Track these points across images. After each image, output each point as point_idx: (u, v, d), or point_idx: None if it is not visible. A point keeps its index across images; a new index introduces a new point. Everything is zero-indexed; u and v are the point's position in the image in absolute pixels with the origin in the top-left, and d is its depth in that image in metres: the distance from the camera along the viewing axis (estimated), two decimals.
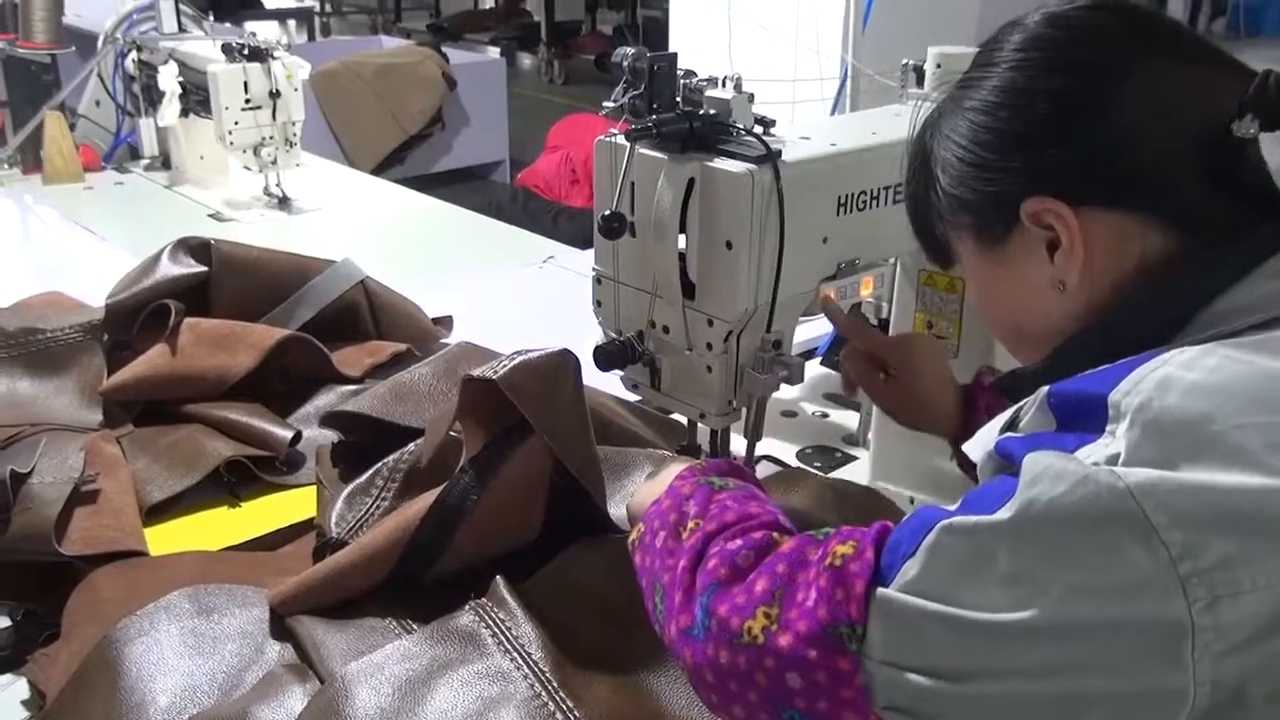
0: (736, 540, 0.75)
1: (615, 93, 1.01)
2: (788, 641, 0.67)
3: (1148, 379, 0.63)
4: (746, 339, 1.00)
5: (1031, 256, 0.76)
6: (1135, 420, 0.62)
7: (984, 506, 0.63)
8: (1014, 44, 0.76)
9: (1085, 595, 0.59)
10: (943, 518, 0.65)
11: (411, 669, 0.90)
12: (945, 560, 0.64)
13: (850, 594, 0.66)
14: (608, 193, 1.00)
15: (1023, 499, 0.62)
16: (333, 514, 1.15)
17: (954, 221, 0.81)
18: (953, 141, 0.78)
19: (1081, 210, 0.72)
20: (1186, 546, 0.58)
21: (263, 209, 2.42)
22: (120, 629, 0.99)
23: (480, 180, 5.38)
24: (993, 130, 0.75)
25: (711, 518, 0.80)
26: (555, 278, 2.06)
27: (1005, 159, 0.75)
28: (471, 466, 1.03)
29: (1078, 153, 0.72)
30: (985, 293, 0.83)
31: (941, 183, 0.79)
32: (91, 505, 1.19)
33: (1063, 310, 0.76)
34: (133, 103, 2.65)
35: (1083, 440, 0.63)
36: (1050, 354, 0.77)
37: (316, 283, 1.58)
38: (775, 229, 0.96)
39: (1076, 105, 0.72)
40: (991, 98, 0.75)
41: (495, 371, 1.00)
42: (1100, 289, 0.74)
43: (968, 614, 0.62)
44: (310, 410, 1.44)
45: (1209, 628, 0.58)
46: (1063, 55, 0.74)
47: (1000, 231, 0.77)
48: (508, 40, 8.61)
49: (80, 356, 1.47)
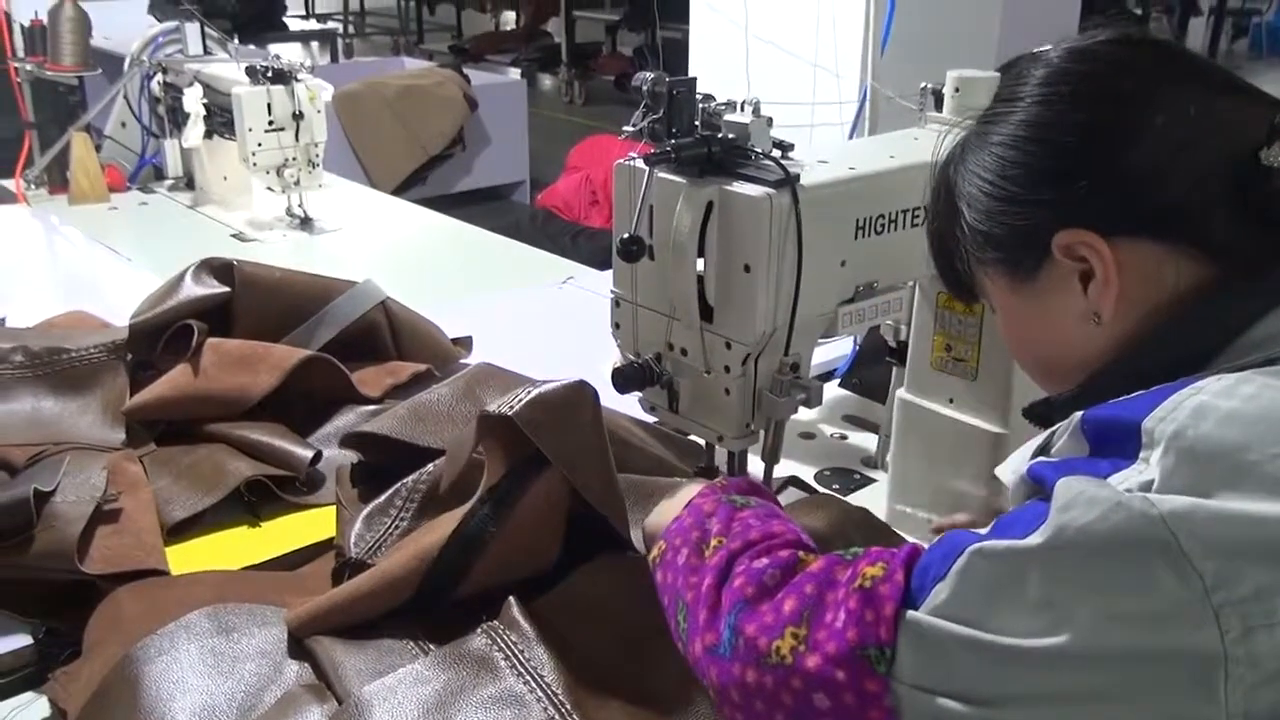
0: (763, 559, 0.76)
1: (634, 117, 1.02)
2: (816, 662, 0.67)
3: (1182, 406, 0.63)
4: (764, 361, 1.00)
5: (1063, 290, 0.76)
6: (1170, 447, 0.61)
7: (1015, 531, 0.64)
8: (1038, 78, 0.76)
9: (1117, 622, 0.59)
10: (973, 542, 0.65)
11: (425, 693, 0.90)
12: (976, 584, 0.64)
13: (880, 616, 0.66)
14: (626, 216, 1.00)
15: (1055, 524, 0.62)
16: (351, 534, 1.16)
17: (981, 257, 0.80)
18: (979, 177, 0.78)
19: (1114, 241, 0.72)
20: (1220, 576, 0.58)
21: (285, 229, 2.44)
22: (140, 648, 0.99)
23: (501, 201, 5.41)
24: (1021, 165, 0.75)
25: (735, 535, 0.80)
26: (574, 298, 2.07)
27: (1035, 193, 0.75)
28: (489, 497, 1.03)
29: (1108, 185, 0.72)
30: (1015, 327, 0.83)
31: (967, 218, 0.80)
32: (113, 524, 1.20)
33: (1095, 343, 0.76)
34: (158, 124, 2.67)
35: (1116, 466, 0.64)
36: (1082, 382, 0.77)
37: (338, 303, 1.60)
38: (793, 252, 0.96)
39: (1105, 138, 0.72)
40: (1019, 132, 0.75)
41: (512, 407, 1.00)
42: (1133, 320, 0.74)
43: (998, 639, 0.62)
44: (330, 430, 1.45)
45: (1242, 659, 0.58)
46: (1089, 89, 0.74)
47: (1030, 266, 0.77)
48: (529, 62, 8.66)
49: (104, 376, 1.49)
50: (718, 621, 0.74)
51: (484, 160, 5.40)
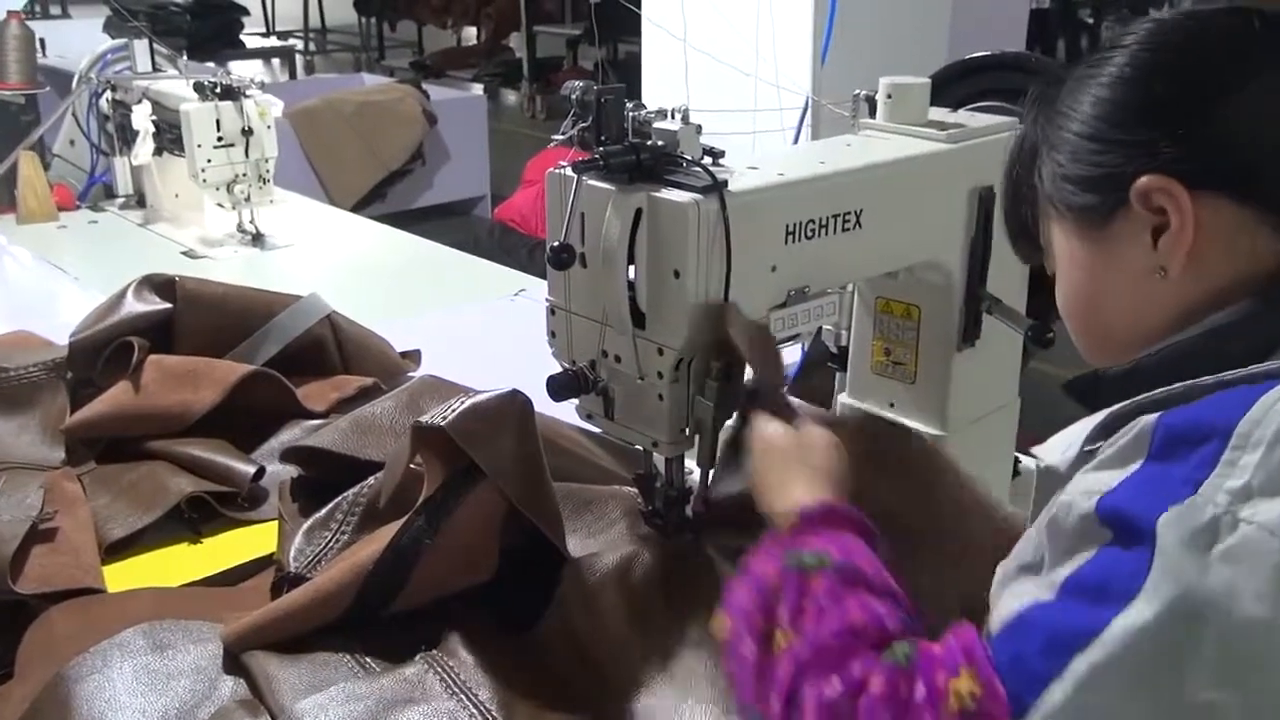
0: (833, 679, 0.66)
1: (564, 125, 1.02)
2: None
3: (1278, 407, 0.60)
4: (697, 367, 1.01)
5: (1134, 242, 0.73)
6: (1273, 448, 0.58)
7: (1114, 589, 0.59)
8: (1148, 29, 0.75)
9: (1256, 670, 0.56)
10: (1077, 622, 0.59)
11: (357, 710, 0.90)
12: (1106, 678, 0.58)
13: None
14: (558, 224, 1.01)
15: (1165, 574, 0.58)
16: (291, 548, 1.15)
17: (1058, 201, 0.78)
18: (1070, 117, 0.76)
19: (1196, 195, 0.70)
20: None
21: (237, 246, 2.43)
22: (72, 667, 0.98)
23: (462, 216, 5.40)
24: (1116, 104, 0.74)
25: (804, 635, 0.70)
26: (526, 311, 2.06)
27: (1125, 134, 0.73)
28: (424, 509, 1.03)
29: (1200, 135, 0.70)
30: (1074, 278, 0.80)
31: (1051, 160, 0.78)
32: (49, 543, 1.19)
33: (1157, 305, 0.73)
34: (107, 142, 2.65)
35: (1193, 476, 0.60)
36: (1136, 360, 0.72)
37: (282, 318, 1.59)
38: (722, 258, 0.97)
39: (1205, 89, 0.71)
40: (1120, 73, 0.74)
41: (445, 418, 1.00)
42: (1200, 286, 0.72)
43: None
44: (275, 445, 1.44)
45: None
46: (1197, 42, 0.73)
47: (1105, 212, 0.74)
48: (490, 77, 8.66)
49: (43, 395, 1.48)
50: None
51: (445, 176, 5.39)
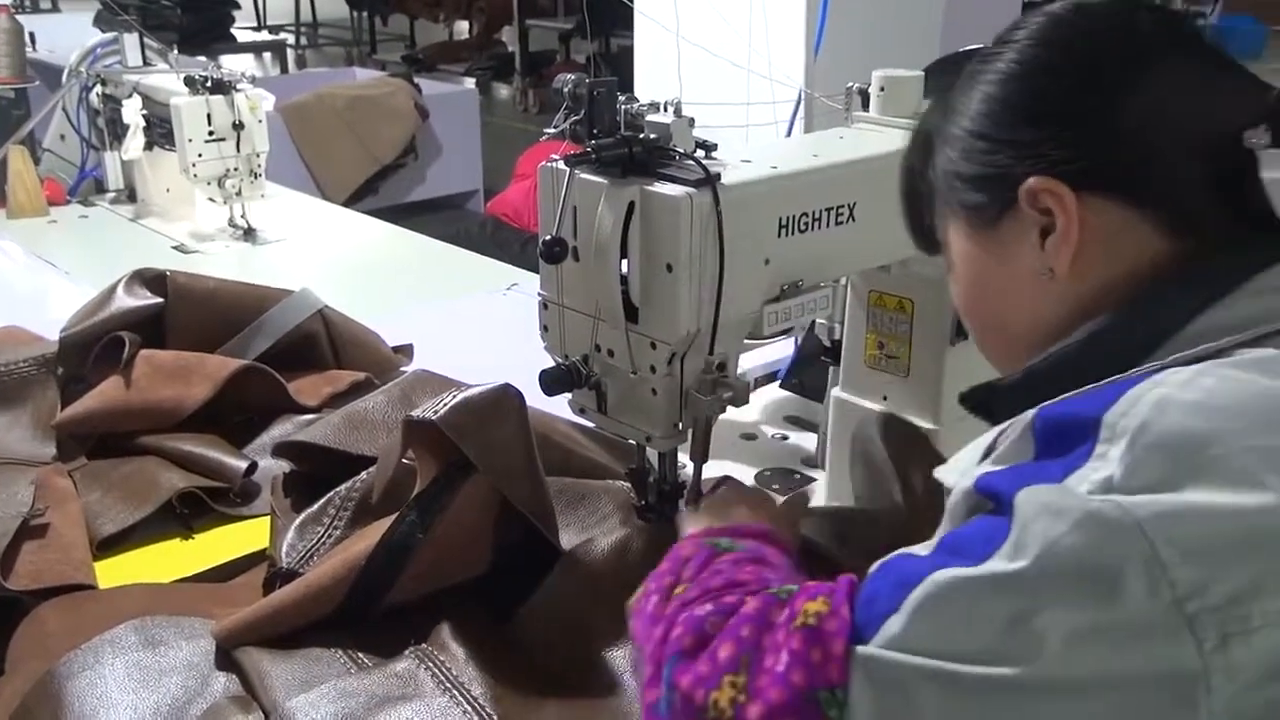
0: (707, 605, 0.69)
1: (556, 118, 1.02)
2: (759, 712, 0.61)
3: (1143, 400, 0.60)
4: (690, 361, 1.00)
5: (1023, 242, 0.73)
6: (1135, 441, 0.59)
7: (972, 553, 0.60)
8: (1037, 24, 0.74)
9: (1089, 644, 0.56)
10: (924, 568, 0.61)
11: (350, 706, 0.89)
12: (935, 614, 0.59)
13: (829, 654, 0.61)
14: (550, 218, 1.00)
15: (1019, 542, 0.58)
16: (284, 544, 1.15)
17: (949, 198, 0.78)
18: (963, 113, 0.76)
19: (1081, 195, 0.70)
20: (1194, 585, 0.55)
21: (228, 240, 2.42)
22: (64, 663, 0.98)
23: (454, 210, 5.39)
24: (1004, 103, 0.73)
25: (698, 583, 0.73)
26: (519, 304, 2.06)
27: (1012, 133, 0.73)
28: (416, 504, 1.03)
29: (1086, 135, 0.70)
30: (968, 278, 0.80)
31: (942, 157, 0.77)
32: (40, 539, 1.19)
33: (1047, 305, 0.73)
34: (97, 136, 2.64)
35: (1068, 467, 0.60)
36: (1027, 368, 0.73)
37: (273, 313, 1.58)
38: (715, 251, 0.96)
39: (1092, 88, 0.70)
40: (1008, 69, 0.73)
41: (436, 412, 1.00)
42: (1089, 286, 0.72)
43: (962, 668, 0.57)
44: (267, 440, 1.44)
45: (1220, 669, 0.55)
46: (1086, 38, 0.72)
47: (994, 212, 0.74)
48: (482, 71, 8.64)
49: (34, 390, 1.47)
50: (658, 676, 0.68)
51: (437, 170, 5.38)
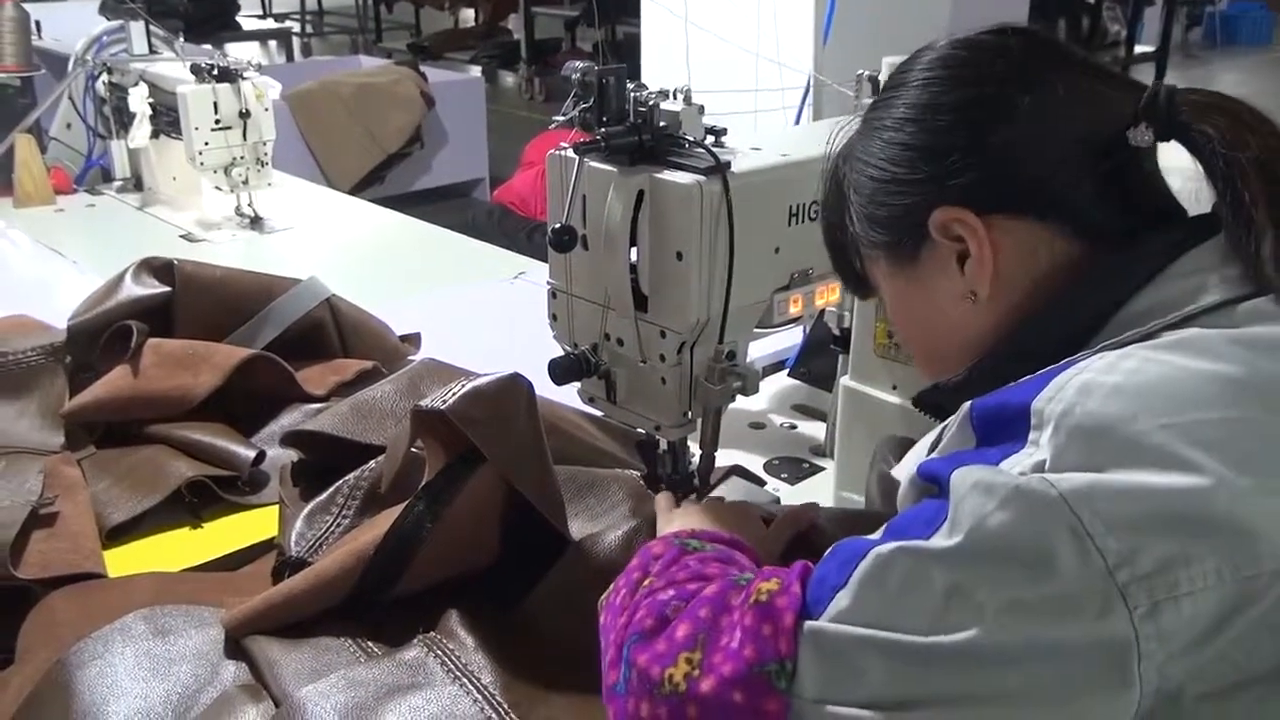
0: (670, 591, 0.73)
1: (565, 106, 1.01)
2: (711, 685, 0.64)
3: (1069, 385, 0.63)
4: (700, 350, 1.00)
5: (943, 271, 0.77)
6: (1060, 426, 0.61)
7: (914, 532, 0.62)
8: (923, 64, 0.78)
9: (1024, 613, 0.58)
10: (869, 546, 0.63)
11: (358, 696, 0.89)
12: (878, 588, 0.62)
13: (779, 628, 0.63)
14: (559, 206, 1.00)
15: (953, 518, 0.61)
16: (292, 533, 1.15)
17: (867, 242, 0.82)
18: (864, 162, 0.80)
19: (988, 219, 0.74)
20: (1122, 554, 0.57)
21: (234, 229, 2.42)
22: (74, 652, 0.98)
23: (461, 198, 5.38)
24: (901, 145, 0.77)
25: (665, 576, 0.76)
26: (526, 293, 2.06)
27: (913, 173, 0.76)
28: (425, 494, 1.02)
29: (980, 163, 0.73)
30: (901, 313, 0.85)
31: (855, 204, 0.81)
32: (49, 528, 1.19)
33: (976, 324, 0.77)
34: (104, 125, 2.64)
35: (1005, 453, 0.63)
36: (969, 367, 0.77)
37: (281, 301, 1.58)
38: (725, 239, 0.96)
39: (978, 117, 0.74)
40: (900, 115, 0.77)
41: (445, 401, 1.00)
42: (1011, 300, 0.75)
43: (904, 638, 0.60)
44: (275, 429, 1.43)
45: (1152, 635, 0.57)
46: (966, 72, 0.76)
47: (911, 248, 0.78)
48: (488, 59, 8.62)
49: (42, 379, 1.47)
50: (619, 657, 0.71)
51: (443, 158, 5.37)
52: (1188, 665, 0.58)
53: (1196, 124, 0.70)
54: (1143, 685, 0.58)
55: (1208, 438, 0.59)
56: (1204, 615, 0.57)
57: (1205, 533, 0.58)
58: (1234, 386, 0.62)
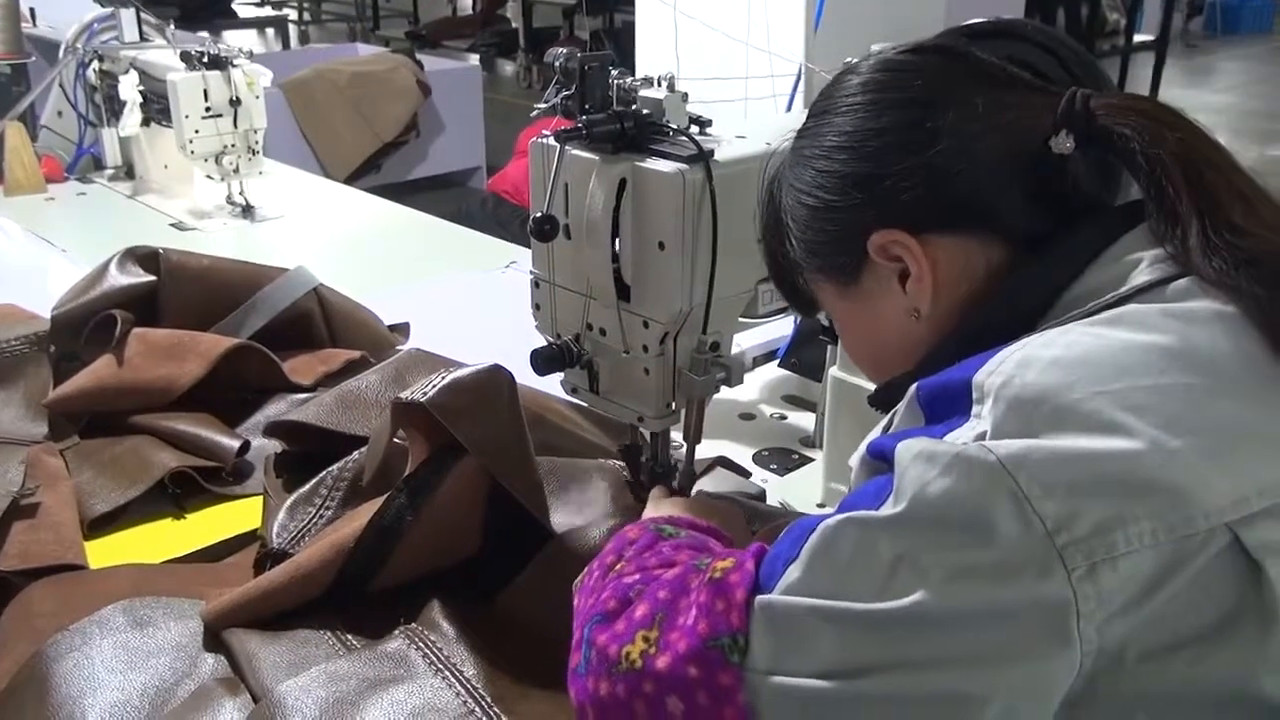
0: (636, 575, 0.74)
1: (547, 93, 1.00)
2: (666, 662, 0.66)
3: (1009, 359, 0.64)
4: (683, 340, 0.99)
5: (885, 290, 0.78)
6: (1000, 397, 0.62)
7: (863, 505, 0.64)
8: (847, 91, 0.79)
9: (966, 577, 0.59)
10: (820, 520, 0.64)
11: (341, 690, 0.88)
12: (827, 559, 0.63)
13: (731, 603, 0.65)
14: (541, 195, 0.99)
15: (898, 488, 0.62)
16: (275, 524, 1.14)
17: (809, 267, 0.83)
18: (797, 190, 0.81)
19: (923, 237, 0.75)
20: (1060, 518, 0.58)
21: (226, 218, 2.41)
22: (51, 645, 0.97)
23: (457, 187, 5.37)
24: (832, 174, 0.78)
25: (636, 561, 0.78)
26: (517, 282, 2.04)
27: (846, 199, 0.77)
28: (407, 486, 1.02)
29: (911, 184, 0.74)
30: (849, 332, 0.86)
31: (793, 232, 0.82)
32: (30, 519, 1.18)
33: (921, 336, 0.78)
34: (95, 113, 2.62)
35: (950, 427, 0.64)
36: (918, 362, 0.78)
37: (268, 291, 1.57)
38: (708, 229, 0.95)
39: (904, 140, 0.75)
40: (828, 142, 0.78)
41: (425, 394, 0.99)
42: (954, 311, 0.76)
43: (853, 605, 0.61)
44: (261, 419, 1.42)
45: (1090, 596, 0.58)
46: (887, 96, 0.77)
47: (852, 270, 0.80)
48: (486, 47, 8.60)
49: (26, 368, 1.46)
50: (581, 639, 0.73)
51: (439, 147, 5.36)
52: (1127, 625, 0.59)
53: (1114, 126, 0.71)
54: (1082, 644, 0.59)
55: (1141, 403, 0.61)
56: (1140, 575, 0.59)
57: (1140, 494, 0.59)
58: (1167, 355, 0.63)
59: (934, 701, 0.60)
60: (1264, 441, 0.62)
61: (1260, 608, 0.60)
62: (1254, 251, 0.66)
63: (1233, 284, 0.65)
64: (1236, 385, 0.63)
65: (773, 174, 0.87)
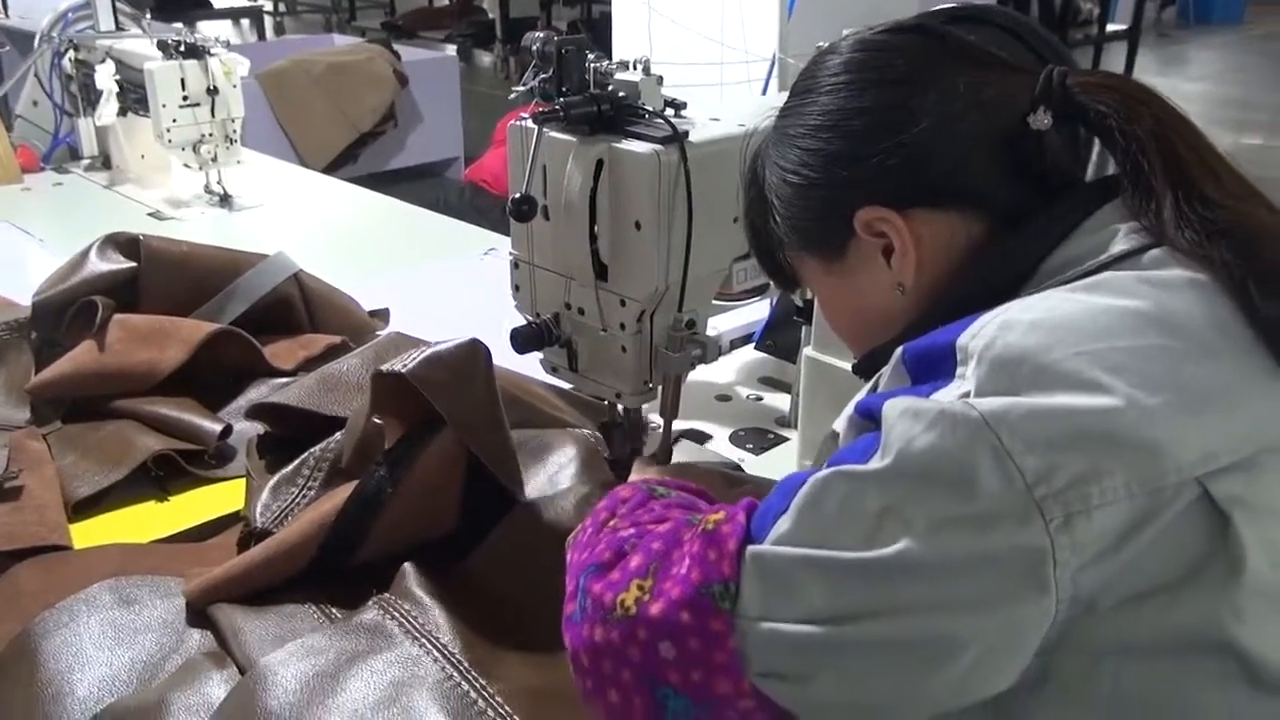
0: (630, 529, 0.76)
1: (525, 76, 1.02)
2: (659, 608, 0.68)
3: (991, 323, 0.66)
4: (660, 318, 1.01)
5: (870, 265, 0.80)
6: (983, 358, 0.64)
7: (851, 460, 0.66)
8: (829, 69, 0.81)
9: (949, 527, 0.61)
10: (810, 475, 0.67)
11: (320, 663, 0.90)
12: (816, 511, 0.65)
13: (723, 552, 0.67)
14: (520, 176, 1.01)
15: (885, 443, 0.64)
16: (258, 504, 1.16)
17: (793, 243, 0.85)
18: (782, 168, 0.82)
19: (907, 214, 0.77)
20: (1040, 471, 0.61)
21: (204, 207, 2.41)
22: (38, 622, 0.99)
23: (435, 177, 5.36)
24: (817, 152, 0.80)
25: (630, 518, 0.80)
26: (496, 269, 2.05)
27: (831, 177, 0.79)
28: (385, 460, 1.03)
29: (894, 162, 0.76)
30: (833, 307, 0.88)
31: (777, 209, 0.84)
32: (14, 502, 1.19)
33: (904, 309, 0.80)
34: (71, 102, 2.62)
35: (935, 388, 0.66)
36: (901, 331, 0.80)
37: (248, 277, 1.58)
38: (683, 209, 0.97)
39: (886, 119, 0.77)
40: (813, 121, 0.80)
41: (405, 366, 1.01)
42: (937, 284, 0.78)
43: (840, 554, 0.63)
44: (243, 403, 1.43)
45: (1066, 545, 0.61)
46: (869, 75, 0.79)
47: (837, 246, 0.81)
48: (463, 38, 8.58)
49: (7, 354, 1.47)
50: (576, 589, 0.75)
51: (417, 137, 5.34)
52: (1100, 574, 0.62)
53: (1091, 103, 0.73)
54: (1058, 592, 0.61)
55: (1118, 363, 0.63)
56: (1114, 526, 0.61)
57: (1115, 449, 0.61)
58: (1143, 318, 0.65)
59: (917, 645, 0.63)
60: (1233, 401, 0.64)
61: (1227, 556, 0.62)
62: (1224, 223, 0.68)
63: (1205, 254, 0.67)
64: (1209, 348, 0.65)
65: (755, 152, 0.88)
